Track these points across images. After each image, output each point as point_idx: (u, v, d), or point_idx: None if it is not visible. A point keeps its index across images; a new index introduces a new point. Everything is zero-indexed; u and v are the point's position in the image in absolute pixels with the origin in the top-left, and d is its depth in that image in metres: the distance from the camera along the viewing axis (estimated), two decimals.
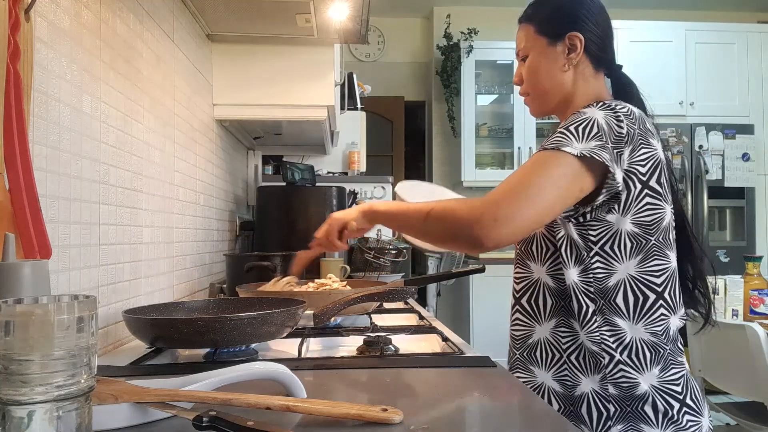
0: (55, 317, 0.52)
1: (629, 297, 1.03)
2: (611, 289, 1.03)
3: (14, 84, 0.84)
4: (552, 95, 1.17)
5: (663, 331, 1.03)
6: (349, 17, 1.98)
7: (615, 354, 1.02)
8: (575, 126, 1.01)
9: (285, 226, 2.44)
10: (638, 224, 1.03)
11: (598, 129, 1.00)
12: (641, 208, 1.03)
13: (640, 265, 1.03)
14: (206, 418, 0.64)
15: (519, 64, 1.22)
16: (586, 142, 0.98)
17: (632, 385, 1.01)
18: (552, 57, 1.15)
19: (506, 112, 5.02)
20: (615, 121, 1.01)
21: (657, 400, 1.00)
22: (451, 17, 4.97)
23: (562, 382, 1.06)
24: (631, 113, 1.04)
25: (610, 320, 1.03)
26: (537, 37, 1.17)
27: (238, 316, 1.04)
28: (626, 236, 1.03)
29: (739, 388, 2.32)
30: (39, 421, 0.51)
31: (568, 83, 1.15)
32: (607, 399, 1.02)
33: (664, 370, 1.02)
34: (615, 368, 1.02)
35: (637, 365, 1.01)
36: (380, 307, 1.67)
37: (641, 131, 1.04)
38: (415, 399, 0.86)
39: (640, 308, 1.03)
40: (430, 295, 4.83)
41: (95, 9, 1.19)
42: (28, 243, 0.86)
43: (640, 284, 1.03)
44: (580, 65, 1.15)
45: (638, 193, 1.02)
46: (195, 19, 2.00)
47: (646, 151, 1.03)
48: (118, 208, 1.30)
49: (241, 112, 2.31)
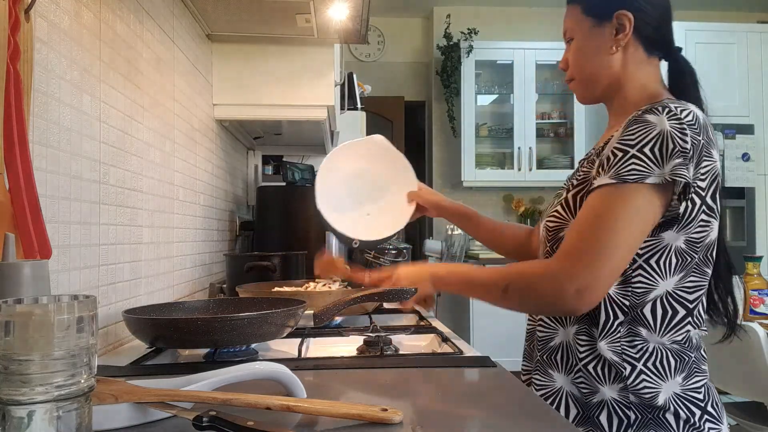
0: (55, 317, 0.52)
1: (657, 310, 0.98)
2: (645, 304, 0.98)
3: (14, 84, 0.84)
4: (598, 80, 1.10)
5: (686, 340, 1.00)
6: (349, 17, 1.97)
7: (637, 364, 0.97)
8: (649, 146, 0.92)
9: (285, 226, 2.44)
10: (688, 242, 0.97)
11: (674, 144, 0.91)
12: (696, 225, 0.96)
13: (679, 282, 0.98)
14: (206, 418, 0.64)
15: (566, 48, 1.15)
16: (668, 162, 0.91)
17: (654, 394, 0.97)
18: (599, 38, 1.08)
19: (506, 112, 5.03)
20: (679, 135, 0.92)
21: (679, 408, 0.97)
22: (451, 17, 4.97)
23: (579, 387, 1.02)
24: (696, 122, 0.96)
25: (634, 330, 0.98)
26: (583, 18, 1.10)
27: (238, 316, 1.05)
28: (674, 253, 0.96)
29: (739, 388, 2.32)
30: (39, 421, 0.51)
31: (616, 66, 1.08)
32: (627, 406, 0.97)
33: (687, 377, 0.98)
34: (637, 378, 0.97)
35: (661, 373, 0.97)
36: (380, 307, 1.67)
37: (705, 141, 0.96)
38: (415, 399, 0.86)
39: (667, 322, 0.98)
40: None
41: (95, 9, 1.19)
42: (28, 243, 0.86)
43: (672, 299, 0.98)
44: (629, 47, 1.07)
45: (697, 210, 0.95)
46: (195, 19, 2.00)
47: (707, 163, 0.95)
48: (118, 208, 1.30)
49: (241, 112, 2.31)
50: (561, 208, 1.07)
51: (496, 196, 5.14)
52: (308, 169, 2.67)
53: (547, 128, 5.07)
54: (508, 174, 4.84)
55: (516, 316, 1.20)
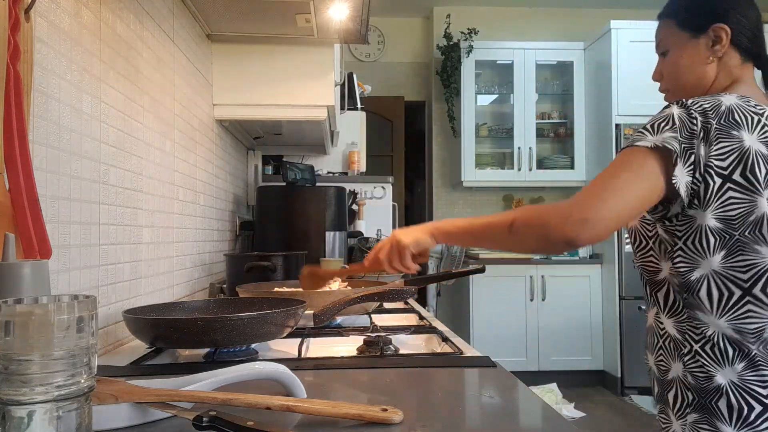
0: (55, 317, 0.52)
1: (713, 292, 1.01)
2: (694, 284, 1.03)
3: (14, 84, 0.84)
4: (692, 89, 1.14)
5: (755, 331, 1.00)
6: (349, 17, 1.98)
7: (695, 345, 1.03)
8: (651, 123, 1.02)
9: (285, 226, 2.44)
10: (722, 219, 1.00)
11: (672, 122, 1.00)
12: (724, 202, 1.00)
13: (724, 260, 1.01)
14: (206, 418, 0.64)
15: (659, 60, 1.20)
16: (659, 134, 1.00)
17: (707, 377, 1.01)
18: (695, 50, 1.13)
19: (506, 112, 5.02)
20: (687, 117, 1.00)
21: (733, 398, 0.98)
22: (451, 17, 4.97)
23: (659, 366, 1.11)
24: (714, 109, 1.02)
25: (693, 314, 1.04)
26: (678, 32, 1.15)
27: (238, 316, 1.05)
28: (708, 231, 1.01)
29: None
30: (39, 421, 0.51)
31: (711, 76, 1.13)
32: (687, 387, 1.03)
33: (748, 369, 0.99)
34: (693, 358, 1.03)
35: (717, 359, 1.01)
36: (380, 307, 1.67)
37: (724, 125, 1.01)
38: (415, 399, 0.86)
39: (724, 304, 1.01)
40: (430, 295, 4.84)
41: (95, 9, 1.19)
42: (28, 243, 0.86)
43: (726, 279, 1.01)
44: (725, 57, 1.12)
45: (719, 187, 0.99)
46: (195, 19, 2.00)
47: (726, 144, 1.00)
48: (118, 208, 1.30)
49: (241, 112, 2.31)
50: None
51: (496, 196, 5.14)
52: (308, 169, 2.67)
53: (547, 128, 5.07)
54: (508, 174, 4.84)
55: (516, 316, 1.20)
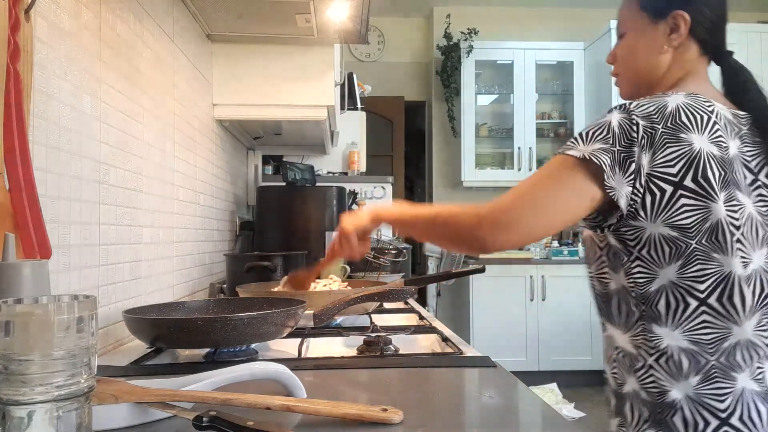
0: (55, 317, 0.52)
1: (671, 303, 0.96)
2: (652, 295, 0.97)
3: (14, 84, 0.84)
4: (643, 78, 1.10)
5: (711, 341, 0.94)
6: (349, 17, 1.98)
7: (648, 359, 0.97)
8: (587, 129, 0.97)
9: (285, 226, 2.44)
10: (675, 227, 0.94)
11: (607, 131, 0.94)
12: (677, 210, 0.94)
13: (681, 270, 0.95)
14: (206, 418, 0.64)
15: (616, 42, 1.14)
16: (590, 143, 0.94)
17: (661, 392, 0.95)
18: (652, 37, 1.07)
19: (506, 112, 5.03)
20: (628, 124, 0.94)
21: (688, 413, 0.93)
22: (451, 17, 4.97)
23: (614, 379, 1.06)
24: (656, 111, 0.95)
25: (648, 327, 0.97)
26: (639, 13, 1.09)
27: (238, 316, 1.05)
28: (661, 240, 0.95)
29: None
30: (39, 421, 0.51)
31: (664, 66, 1.07)
32: (642, 402, 0.98)
33: (705, 382, 0.93)
34: (646, 372, 0.97)
35: (671, 371, 0.95)
36: (380, 307, 1.67)
37: (671, 128, 0.94)
38: (415, 399, 0.86)
39: (679, 315, 0.95)
40: (430, 295, 4.83)
41: (95, 9, 1.19)
42: (28, 243, 0.86)
43: (681, 290, 0.95)
44: (681, 48, 1.06)
45: (671, 195, 0.93)
46: (195, 19, 2.00)
47: (675, 149, 0.93)
48: (118, 208, 1.30)
49: (241, 112, 2.31)
50: None
51: (496, 196, 5.13)
52: (308, 169, 2.67)
53: (547, 128, 5.07)
54: (508, 174, 4.84)
55: (516, 316, 1.20)
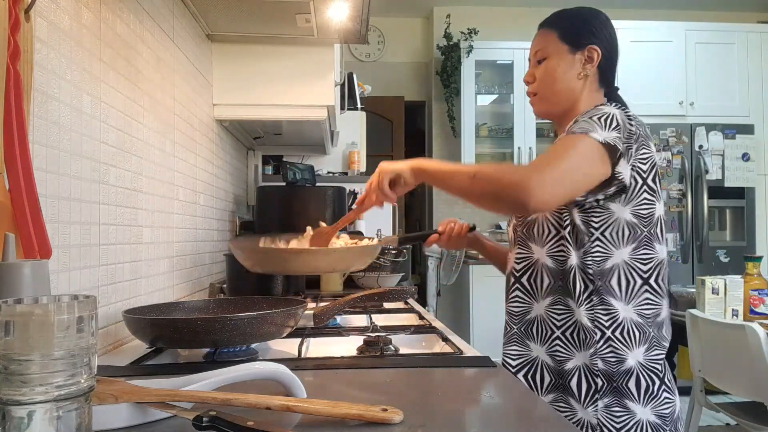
0: (55, 317, 0.52)
1: (622, 280, 1.13)
2: (606, 272, 1.13)
3: (14, 84, 0.84)
4: (562, 99, 1.25)
5: (651, 315, 1.14)
6: (349, 17, 1.97)
7: (606, 331, 1.11)
8: (598, 117, 1.11)
9: (285, 226, 2.43)
10: (636, 215, 1.13)
11: (617, 123, 1.10)
12: (640, 201, 1.13)
13: (633, 252, 1.14)
14: (206, 418, 0.64)
15: (532, 65, 1.29)
16: (608, 131, 1.09)
17: (619, 360, 1.11)
18: (570, 63, 1.23)
19: (506, 112, 5.02)
20: (627, 120, 1.12)
21: (641, 377, 1.11)
22: (451, 17, 4.96)
23: (553, 356, 1.16)
24: (635, 119, 1.15)
25: (605, 300, 1.12)
26: (559, 43, 1.24)
27: (238, 316, 1.05)
28: (624, 225, 1.13)
29: (739, 388, 2.32)
30: (39, 421, 0.51)
31: (578, 91, 1.24)
32: (596, 374, 1.11)
33: (649, 350, 1.13)
34: (605, 344, 1.11)
35: (627, 342, 1.11)
36: (380, 307, 1.67)
37: (643, 134, 1.14)
38: (415, 399, 0.86)
39: (630, 291, 1.13)
40: (430, 295, 4.83)
41: (95, 9, 1.19)
42: (28, 243, 0.86)
43: (631, 269, 1.14)
44: (589, 77, 1.24)
45: (639, 187, 1.13)
46: (195, 19, 2.00)
47: (646, 152, 1.14)
48: (118, 208, 1.30)
49: (241, 112, 2.31)
50: None
51: None
52: (308, 169, 2.67)
53: (547, 128, 5.07)
54: None
55: None
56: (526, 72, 1.30)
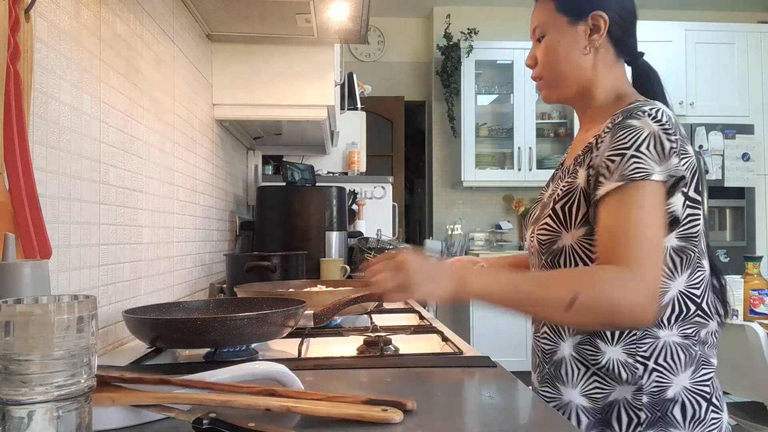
0: (55, 317, 0.52)
1: (676, 310, 0.98)
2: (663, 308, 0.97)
3: (14, 84, 0.84)
4: (570, 80, 1.08)
5: (694, 333, 0.98)
6: (349, 17, 1.97)
7: (649, 363, 0.97)
8: (646, 146, 0.92)
9: (285, 226, 2.44)
10: (683, 237, 0.97)
11: (668, 143, 0.93)
12: (684, 220, 0.96)
13: (689, 279, 0.98)
14: (206, 420, 0.64)
15: (533, 45, 1.13)
16: (667, 158, 0.92)
17: (663, 389, 0.96)
18: (572, 37, 1.06)
19: (506, 112, 5.02)
20: (665, 135, 0.94)
21: (686, 403, 0.97)
22: (451, 17, 4.97)
23: (590, 396, 1.00)
24: (669, 121, 0.96)
25: (651, 332, 0.97)
26: (557, 15, 1.07)
27: (238, 316, 1.04)
28: (674, 252, 0.97)
29: (739, 388, 2.32)
30: (39, 421, 0.51)
31: (588, 68, 1.06)
32: (639, 407, 0.97)
33: (696, 371, 0.98)
34: (650, 377, 0.96)
35: (672, 368, 0.96)
36: (380, 307, 1.67)
37: (680, 138, 0.96)
38: (414, 399, 0.86)
39: (681, 319, 0.98)
40: None
41: (95, 9, 1.19)
42: (28, 243, 0.86)
43: (685, 297, 0.98)
44: (601, 49, 1.06)
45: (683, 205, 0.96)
46: (195, 19, 2.00)
47: (685, 159, 0.95)
48: (118, 208, 1.30)
49: (241, 112, 2.31)
50: (551, 219, 1.04)
51: (496, 196, 5.14)
52: (308, 169, 2.67)
53: (547, 128, 5.07)
54: (508, 174, 4.84)
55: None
56: (528, 54, 1.14)
